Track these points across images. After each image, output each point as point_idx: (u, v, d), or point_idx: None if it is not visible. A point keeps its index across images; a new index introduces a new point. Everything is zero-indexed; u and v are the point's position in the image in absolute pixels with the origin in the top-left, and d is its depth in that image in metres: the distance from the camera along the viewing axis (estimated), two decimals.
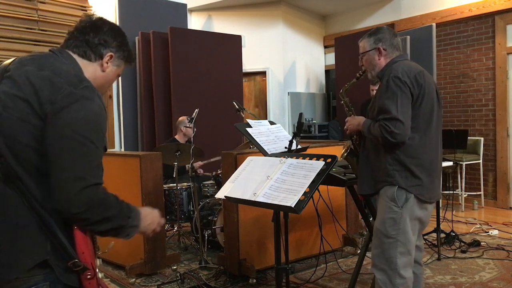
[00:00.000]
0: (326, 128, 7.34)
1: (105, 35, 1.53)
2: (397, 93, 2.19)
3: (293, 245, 3.73)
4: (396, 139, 2.18)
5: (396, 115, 2.17)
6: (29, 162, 1.33)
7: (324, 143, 4.52)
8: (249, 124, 2.95)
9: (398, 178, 2.27)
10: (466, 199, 6.14)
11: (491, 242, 4.46)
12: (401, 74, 2.22)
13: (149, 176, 3.71)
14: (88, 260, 1.37)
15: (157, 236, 3.75)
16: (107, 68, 1.56)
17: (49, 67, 1.40)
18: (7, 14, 5.31)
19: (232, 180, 2.33)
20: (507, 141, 6.02)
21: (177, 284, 3.54)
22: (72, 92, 1.34)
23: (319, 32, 8.10)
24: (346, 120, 2.55)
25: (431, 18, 6.45)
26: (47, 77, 1.36)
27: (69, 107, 1.32)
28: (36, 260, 1.32)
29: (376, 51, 2.41)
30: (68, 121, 1.31)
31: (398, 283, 2.29)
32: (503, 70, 5.98)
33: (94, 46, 1.51)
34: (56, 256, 1.34)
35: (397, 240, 2.29)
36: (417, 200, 2.29)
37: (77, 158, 1.31)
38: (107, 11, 6.25)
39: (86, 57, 1.51)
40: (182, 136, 5.09)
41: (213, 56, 6.38)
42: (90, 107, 1.35)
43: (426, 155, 2.29)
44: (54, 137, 1.30)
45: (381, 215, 2.36)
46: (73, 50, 1.51)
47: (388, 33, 2.43)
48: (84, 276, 1.36)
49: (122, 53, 1.58)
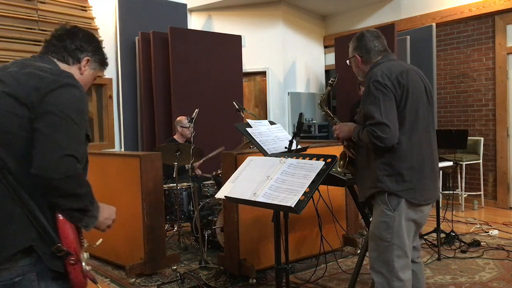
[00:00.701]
0: (326, 128, 7.34)
1: (81, 41, 1.67)
2: (379, 97, 2.16)
3: (293, 245, 3.73)
4: (384, 143, 2.15)
5: (380, 119, 2.13)
6: (18, 151, 1.42)
7: (324, 143, 4.52)
8: (249, 124, 2.96)
9: (388, 183, 2.23)
10: (466, 199, 6.14)
11: (491, 242, 4.46)
12: (381, 77, 2.20)
13: (149, 176, 3.71)
14: (71, 246, 1.45)
15: (157, 236, 3.76)
16: (85, 71, 1.70)
17: (31, 66, 1.53)
18: (7, 14, 5.31)
19: (232, 180, 2.33)
20: (507, 141, 6.02)
21: (177, 284, 3.54)
22: (55, 79, 1.47)
23: (319, 32, 8.10)
24: (333, 128, 2.53)
25: (431, 18, 6.46)
26: (31, 72, 1.49)
27: (53, 91, 1.44)
28: (19, 245, 1.40)
29: (354, 59, 2.44)
30: (53, 102, 1.43)
31: (396, 286, 2.27)
32: (503, 70, 5.98)
33: (71, 51, 1.65)
34: (42, 242, 1.42)
35: (393, 244, 2.26)
36: (410, 203, 2.26)
37: (59, 132, 1.41)
38: (107, 11, 6.25)
39: (64, 61, 1.65)
40: (180, 136, 5.09)
41: (213, 56, 6.38)
42: (73, 92, 1.48)
43: (416, 157, 2.25)
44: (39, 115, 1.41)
45: (375, 218, 2.35)
46: (52, 55, 1.64)
47: (368, 38, 2.40)
48: (68, 261, 1.44)
49: (97, 56, 1.73)
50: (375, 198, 2.34)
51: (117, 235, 3.64)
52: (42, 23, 5.58)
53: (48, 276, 1.45)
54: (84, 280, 1.51)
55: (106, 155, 4.41)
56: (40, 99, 1.42)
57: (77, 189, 1.44)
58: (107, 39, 6.15)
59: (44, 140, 1.39)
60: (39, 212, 1.42)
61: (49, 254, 1.42)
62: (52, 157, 1.38)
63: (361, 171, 2.39)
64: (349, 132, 2.39)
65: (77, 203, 1.46)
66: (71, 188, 1.42)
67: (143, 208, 3.66)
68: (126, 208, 3.76)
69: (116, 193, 3.83)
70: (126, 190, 3.80)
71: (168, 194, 4.46)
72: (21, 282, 1.42)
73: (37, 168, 1.37)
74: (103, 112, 6.38)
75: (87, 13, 6.02)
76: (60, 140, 1.40)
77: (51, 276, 1.45)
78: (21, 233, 1.40)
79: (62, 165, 1.38)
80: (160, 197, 3.84)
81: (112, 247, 3.85)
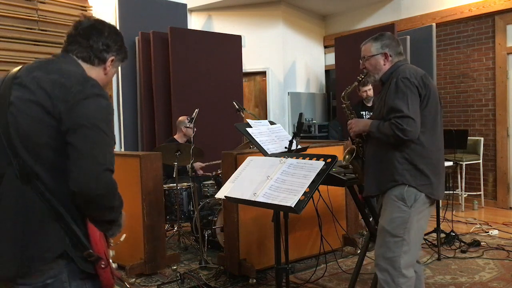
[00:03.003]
0: (326, 128, 7.34)
1: (107, 39, 1.60)
2: (407, 93, 2.25)
3: (293, 245, 3.73)
4: (407, 136, 2.22)
5: (407, 113, 2.22)
6: (47, 161, 1.41)
7: (324, 143, 4.52)
8: (249, 124, 2.96)
9: (408, 177, 2.30)
10: (466, 199, 6.14)
11: (491, 242, 4.46)
12: (409, 75, 2.29)
13: (149, 176, 3.71)
14: (101, 251, 1.48)
15: (157, 236, 3.75)
16: (109, 71, 1.65)
17: (56, 71, 1.47)
18: (7, 14, 5.31)
19: (232, 180, 2.33)
20: (507, 141, 6.02)
21: (177, 284, 3.54)
22: (82, 90, 1.43)
23: (319, 32, 8.10)
24: (348, 122, 2.56)
25: (431, 18, 6.46)
26: (57, 80, 1.44)
27: (81, 102, 1.41)
28: (55, 252, 1.42)
29: (382, 56, 2.46)
30: (82, 114, 1.40)
31: (401, 282, 2.31)
32: (503, 70, 5.98)
33: (98, 52, 1.59)
34: (74, 248, 1.44)
35: (403, 239, 2.32)
36: (427, 199, 2.34)
37: (94, 145, 1.40)
38: (107, 11, 6.25)
39: (90, 61, 1.59)
40: (182, 136, 5.09)
41: (213, 56, 6.37)
42: (99, 102, 1.45)
43: (434, 154, 2.35)
44: (71, 129, 1.39)
45: (388, 214, 2.37)
46: (77, 55, 1.57)
47: (393, 39, 2.50)
48: (99, 265, 1.47)
49: (122, 55, 1.68)
50: (387, 194, 2.37)
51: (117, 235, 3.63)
52: (42, 23, 5.57)
53: (77, 276, 1.47)
54: (113, 280, 1.54)
55: None
56: (67, 110, 1.39)
57: (113, 202, 1.46)
58: None
59: (81, 156, 1.38)
60: (71, 220, 1.43)
61: (81, 257, 1.45)
62: (92, 173, 1.37)
63: (375, 165, 2.43)
64: (364, 126, 2.44)
65: (110, 215, 1.49)
66: (109, 201, 1.44)
67: (143, 208, 3.66)
68: (126, 208, 3.75)
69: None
70: (126, 190, 3.77)
71: (168, 194, 4.46)
72: (53, 284, 1.44)
73: (77, 185, 1.37)
74: None
75: (87, 13, 6.01)
76: (97, 155, 1.39)
77: (80, 277, 1.47)
78: (55, 241, 1.42)
79: (102, 181, 1.38)
80: (160, 197, 3.84)
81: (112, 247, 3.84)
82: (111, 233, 1.56)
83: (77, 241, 1.43)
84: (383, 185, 2.38)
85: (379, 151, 2.40)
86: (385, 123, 2.29)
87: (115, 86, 6.34)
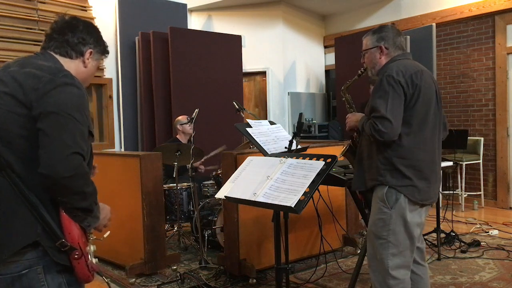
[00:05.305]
0: (326, 128, 7.34)
1: (82, 33, 1.66)
2: (389, 92, 2.18)
3: (293, 245, 3.73)
4: (383, 137, 2.17)
5: (384, 114, 2.15)
6: (19, 150, 1.45)
7: (324, 143, 4.52)
8: (249, 124, 2.96)
9: (389, 177, 2.25)
10: (466, 199, 6.14)
11: (491, 242, 4.46)
12: (396, 73, 2.21)
13: (149, 176, 3.71)
14: (75, 241, 1.48)
15: (157, 236, 3.76)
16: (89, 64, 1.69)
17: (31, 64, 1.53)
18: (7, 14, 5.31)
19: (232, 180, 2.33)
20: (507, 141, 6.02)
21: (177, 284, 3.54)
22: (52, 79, 1.48)
23: (319, 32, 8.10)
24: (346, 116, 2.55)
25: (431, 18, 6.45)
26: (29, 72, 1.50)
27: (51, 91, 1.45)
28: (25, 240, 1.44)
29: (377, 49, 2.39)
30: (52, 102, 1.44)
31: (391, 284, 2.28)
32: (503, 70, 5.98)
33: (74, 45, 1.64)
34: (47, 238, 1.46)
35: (388, 241, 2.28)
36: (408, 201, 2.26)
37: (62, 130, 1.43)
38: (107, 11, 6.25)
39: (67, 55, 1.64)
40: (182, 135, 5.09)
41: (213, 56, 6.38)
42: (70, 90, 1.49)
43: (419, 156, 2.26)
44: (42, 116, 1.43)
45: (372, 216, 2.37)
46: (55, 50, 1.63)
47: (392, 31, 2.41)
48: (72, 256, 1.48)
49: (100, 47, 1.73)
50: (374, 195, 2.35)
51: (117, 235, 3.63)
52: (42, 23, 5.57)
53: (53, 269, 1.49)
54: (89, 273, 1.54)
55: (106, 155, 4.41)
56: (38, 99, 1.44)
57: (84, 187, 1.46)
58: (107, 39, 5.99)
59: (50, 140, 1.41)
60: (43, 209, 1.45)
61: (54, 248, 1.46)
62: (59, 155, 1.39)
63: (362, 161, 2.40)
64: (356, 122, 2.41)
65: (83, 202, 1.49)
66: (79, 185, 1.44)
67: (143, 208, 3.66)
68: (126, 208, 3.77)
69: (116, 193, 3.83)
70: (126, 190, 3.80)
71: (168, 194, 4.46)
72: (28, 275, 1.46)
73: (45, 168, 1.39)
74: (103, 112, 6.38)
75: (87, 13, 6.02)
76: (66, 139, 1.41)
77: (56, 269, 1.49)
78: (26, 229, 1.44)
79: (70, 163, 1.40)
80: (160, 197, 3.84)
81: (112, 247, 3.84)
82: (87, 224, 1.55)
83: (49, 230, 1.45)
84: (368, 182, 2.36)
85: (369, 147, 2.36)
86: (367, 122, 2.25)
87: (115, 86, 6.35)
